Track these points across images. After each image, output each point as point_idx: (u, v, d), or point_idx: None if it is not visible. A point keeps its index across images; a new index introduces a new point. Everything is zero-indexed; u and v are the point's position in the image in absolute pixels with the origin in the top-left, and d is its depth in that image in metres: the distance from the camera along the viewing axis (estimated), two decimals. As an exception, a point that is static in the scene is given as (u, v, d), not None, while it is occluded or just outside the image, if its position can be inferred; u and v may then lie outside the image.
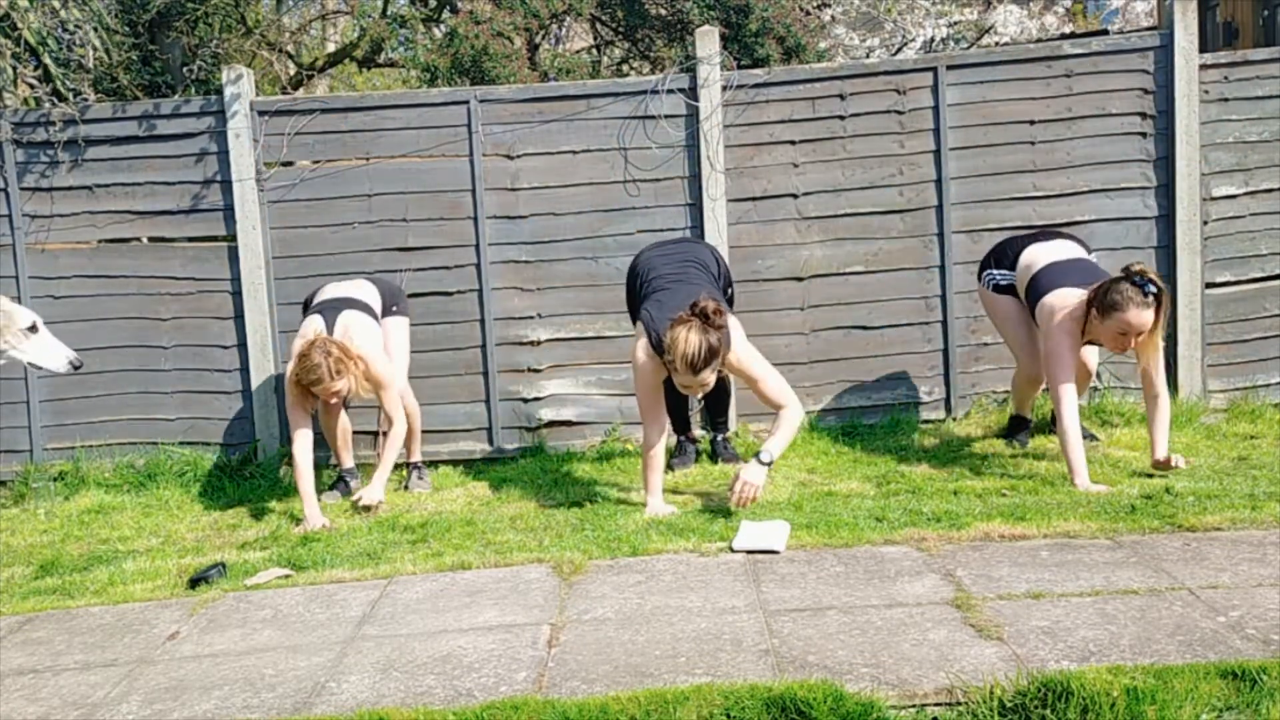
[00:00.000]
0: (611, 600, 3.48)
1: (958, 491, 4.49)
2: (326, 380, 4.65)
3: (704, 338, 4.07)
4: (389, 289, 5.35)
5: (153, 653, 3.35)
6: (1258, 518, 3.88)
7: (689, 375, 4.13)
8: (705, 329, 4.09)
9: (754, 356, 4.41)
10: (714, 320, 4.10)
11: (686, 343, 4.07)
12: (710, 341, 4.08)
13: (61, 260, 5.86)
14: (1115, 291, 4.36)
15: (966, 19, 11.27)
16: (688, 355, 4.07)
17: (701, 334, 4.08)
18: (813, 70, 5.83)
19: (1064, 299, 4.59)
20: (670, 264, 4.75)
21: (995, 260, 5.13)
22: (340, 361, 4.68)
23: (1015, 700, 2.66)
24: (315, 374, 4.66)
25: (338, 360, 4.66)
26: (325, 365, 4.63)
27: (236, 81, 5.72)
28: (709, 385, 4.25)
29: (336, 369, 4.66)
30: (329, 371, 4.64)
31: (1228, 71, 5.67)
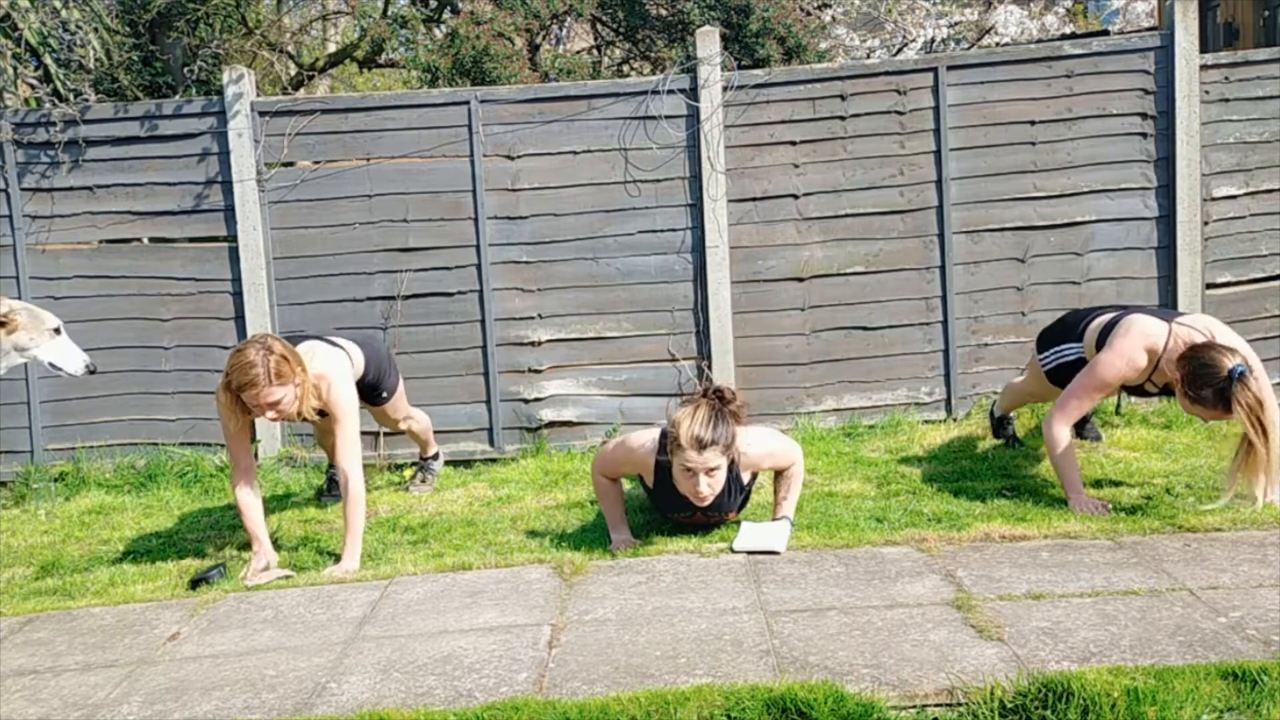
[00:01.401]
0: (612, 601, 3.48)
1: (958, 492, 4.49)
2: (261, 383, 3.75)
3: (712, 414, 3.70)
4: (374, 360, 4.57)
5: (153, 653, 3.35)
6: (1258, 518, 3.88)
7: (694, 452, 3.66)
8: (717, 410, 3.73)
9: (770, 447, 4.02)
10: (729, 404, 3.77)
11: (693, 417, 3.68)
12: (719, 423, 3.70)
13: (62, 261, 5.87)
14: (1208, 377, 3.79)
15: (967, 19, 11.27)
16: (693, 430, 3.65)
17: (711, 410, 3.71)
18: (813, 71, 5.83)
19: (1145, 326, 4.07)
20: None
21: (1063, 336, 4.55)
22: (283, 363, 3.80)
23: (1016, 701, 2.66)
24: (248, 375, 3.75)
25: (279, 361, 3.79)
26: (263, 366, 3.74)
27: (238, 82, 5.72)
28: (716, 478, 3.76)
29: (276, 371, 3.77)
30: (267, 373, 3.75)
31: (1228, 72, 5.67)
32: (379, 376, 4.62)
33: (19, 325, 3.45)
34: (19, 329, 3.45)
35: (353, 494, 4.05)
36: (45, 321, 3.51)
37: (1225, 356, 3.78)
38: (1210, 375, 3.79)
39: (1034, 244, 5.74)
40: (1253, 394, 3.70)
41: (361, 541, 4.09)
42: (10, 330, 3.43)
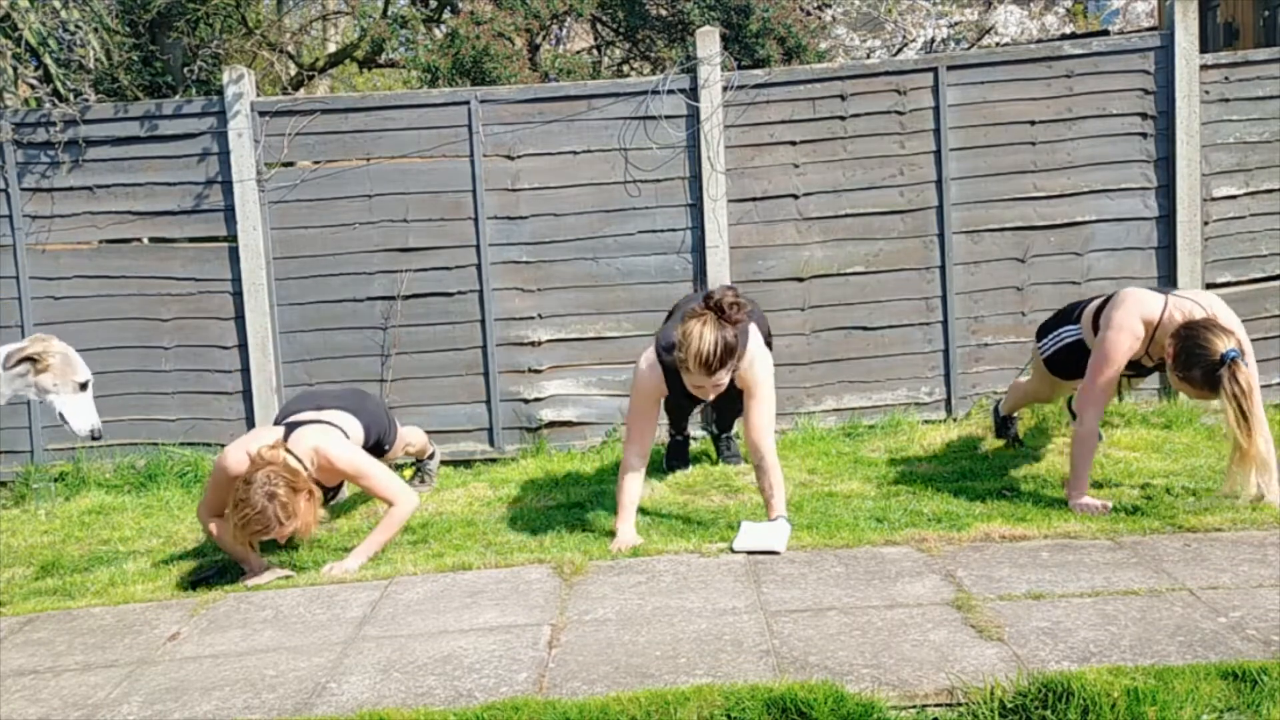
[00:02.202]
0: (612, 601, 3.48)
1: (958, 492, 4.49)
2: (275, 527, 3.73)
3: (719, 334, 3.74)
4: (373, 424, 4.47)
5: (153, 653, 3.35)
6: (1258, 518, 3.88)
7: (702, 375, 3.79)
8: (721, 324, 3.76)
9: (766, 378, 4.04)
10: (730, 314, 3.78)
11: (700, 339, 3.73)
12: (726, 338, 3.76)
13: (62, 261, 5.87)
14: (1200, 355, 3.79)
15: (967, 19, 11.27)
16: (701, 353, 3.73)
17: (717, 329, 3.74)
18: (813, 71, 5.83)
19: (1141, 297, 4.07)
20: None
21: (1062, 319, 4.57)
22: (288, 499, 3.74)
23: (1016, 701, 2.66)
24: (260, 524, 3.72)
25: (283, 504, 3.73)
26: (270, 511, 3.70)
27: (238, 82, 5.72)
28: (722, 387, 3.91)
29: (282, 512, 3.73)
30: (275, 517, 3.72)
31: (1228, 72, 5.67)
32: (380, 436, 4.55)
33: (50, 367, 3.43)
34: (49, 370, 3.43)
35: (395, 515, 4.11)
36: (76, 373, 3.49)
37: (1220, 339, 3.77)
38: (1202, 356, 3.77)
39: (1034, 244, 5.74)
40: (1241, 383, 3.69)
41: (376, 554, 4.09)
42: (40, 370, 3.42)
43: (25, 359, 3.38)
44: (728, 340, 3.76)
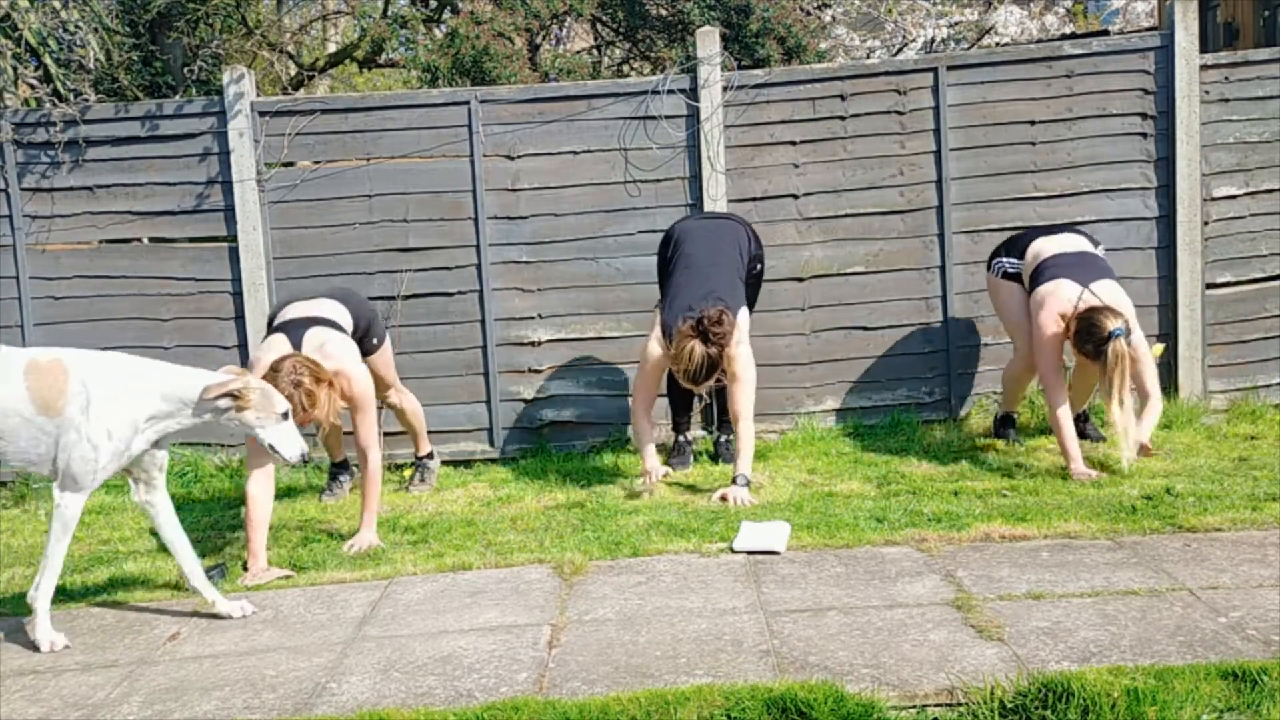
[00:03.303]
0: (612, 601, 3.48)
1: (958, 492, 4.49)
2: (299, 414, 3.90)
3: (705, 352, 4.53)
4: (361, 310, 4.78)
5: (153, 653, 3.35)
6: (1258, 518, 3.88)
7: (689, 384, 4.68)
8: (707, 344, 4.53)
9: (746, 359, 4.75)
10: (713, 338, 4.53)
11: (690, 359, 4.53)
12: (710, 355, 4.54)
13: (62, 261, 5.87)
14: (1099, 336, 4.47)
15: (967, 19, 11.27)
16: (690, 370, 4.56)
17: (704, 349, 4.53)
18: (813, 71, 5.83)
19: (1057, 293, 4.72)
20: (702, 244, 4.98)
21: (1006, 250, 5.19)
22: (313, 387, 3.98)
23: (1016, 701, 2.66)
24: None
25: (308, 392, 3.95)
26: (297, 398, 3.89)
27: (238, 81, 5.72)
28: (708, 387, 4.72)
29: (307, 400, 3.95)
30: (301, 404, 3.92)
31: (1228, 72, 5.67)
32: (369, 324, 4.83)
33: (251, 404, 3.49)
34: (250, 407, 3.49)
35: (371, 471, 4.35)
36: (276, 407, 3.55)
37: (1109, 319, 4.48)
38: (1094, 334, 4.49)
39: (1034, 244, 5.73)
40: (1121, 352, 4.41)
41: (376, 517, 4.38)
42: (241, 408, 3.47)
43: (226, 395, 3.44)
44: (711, 357, 4.55)
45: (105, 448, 3.35)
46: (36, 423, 3.35)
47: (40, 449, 3.38)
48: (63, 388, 3.36)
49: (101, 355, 3.52)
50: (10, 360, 3.41)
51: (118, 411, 3.37)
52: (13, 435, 3.36)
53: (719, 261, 4.91)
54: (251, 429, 3.53)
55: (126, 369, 3.47)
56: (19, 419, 3.35)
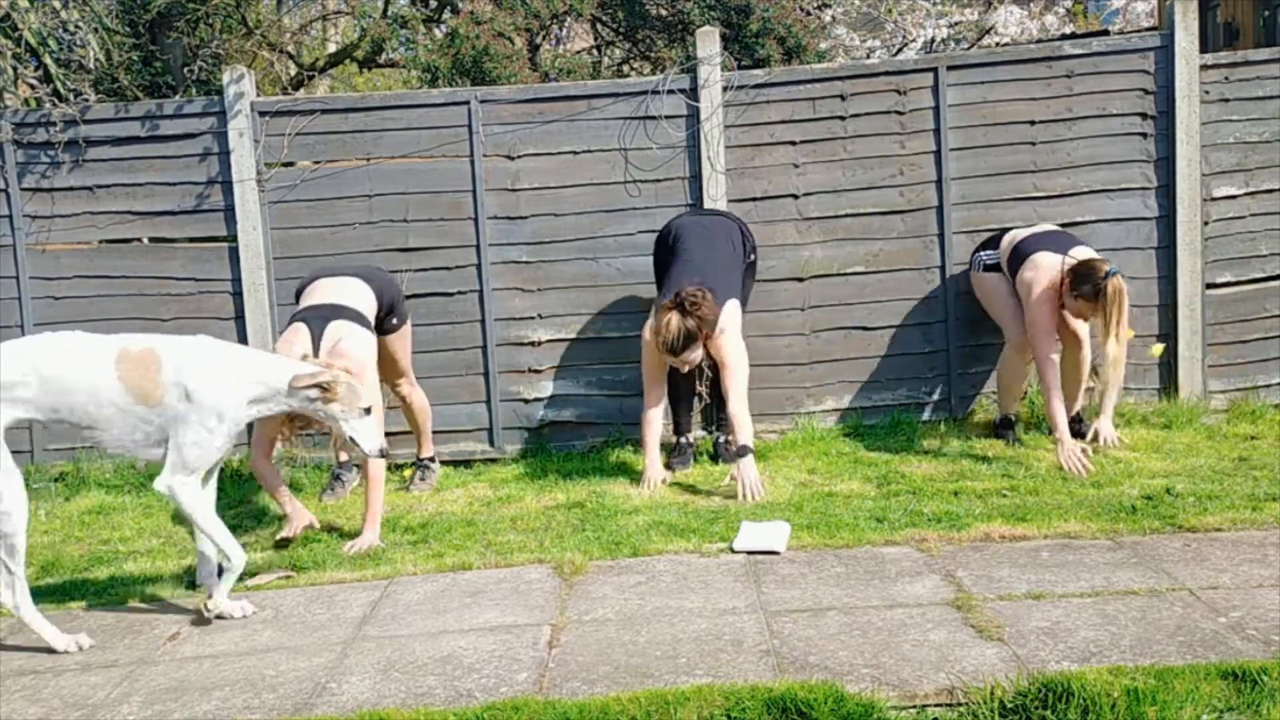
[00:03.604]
0: (612, 601, 3.48)
1: (958, 492, 4.49)
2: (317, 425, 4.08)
3: (682, 323, 4.69)
4: (386, 289, 4.90)
5: (153, 653, 3.35)
6: (1258, 518, 3.88)
7: (670, 356, 4.80)
8: (684, 316, 4.69)
9: (736, 347, 4.90)
10: (690, 310, 4.70)
11: (668, 329, 4.71)
12: (687, 326, 4.70)
13: (62, 261, 5.87)
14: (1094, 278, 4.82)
15: (967, 19, 11.26)
16: (667, 340, 4.73)
17: (681, 321, 4.69)
18: (813, 71, 5.83)
19: (1041, 268, 5.01)
20: (697, 239, 5.13)
21: (983, 246, 5.47)
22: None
23: (1016, 701, 2.66)
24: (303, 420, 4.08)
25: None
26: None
27: (238, 81, 5.72)
28: (693, 362, 4.88)
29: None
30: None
31: (1228, 72, 5.66)
32: (392, 303, 4.93)
33: (339, 397, 3.58)
34: (337, 400, 3.58)
35: (374, 473, 4.36)
36: (360, 401, 3.65)
37: (1103, 264, 4.86)
38: (1090, 274, 4.82)
39: (1034, 244, 5.72)
40: (1119, 287, 4.78)
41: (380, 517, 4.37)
42: (329, 399, 3.57)
43: (315, 385, 3.53)
44: (689, 329, 4.71)
45: (219, 430, 3.44)
46: (135, 412, 3.42)
47: (136, 436, 3.45)
48: (157, 377, 3.43)
49: (193, 341, 3.60)
50: (100, 349, 3.48)
51: (223, 394, 3.45)
52: (108, 424, 3.43)
53: (713, 256, 5.04)
54: (336, 420, 3.62)
55: (220, 354, 3.56)
56: (113, 409, 3.41)
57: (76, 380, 3.40)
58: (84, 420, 3.41)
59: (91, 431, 3.44)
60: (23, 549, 3.38)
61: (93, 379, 3.40)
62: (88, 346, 3.49)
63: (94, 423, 3.41)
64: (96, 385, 3.40)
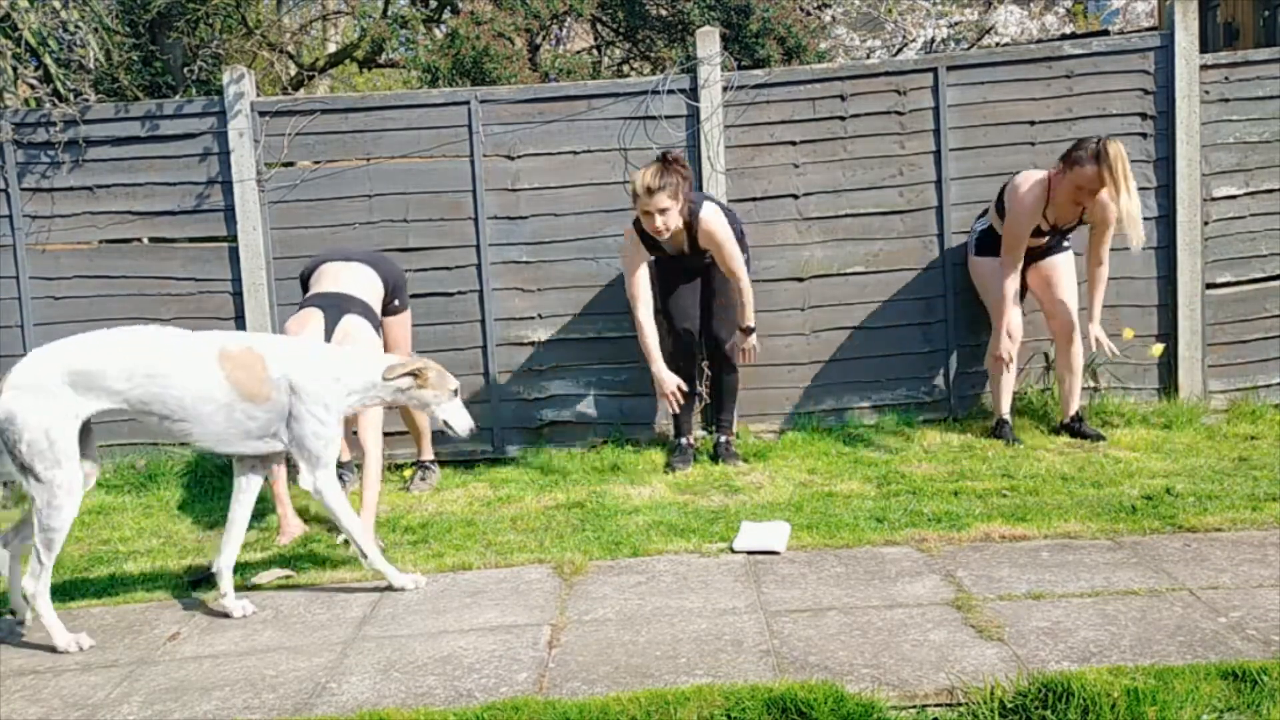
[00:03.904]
0: (612, 601, 3.48)
1: (958, 492, 4.49)
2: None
3: (659, 168, 4.82)
4: (392, 276, 5.03)
5: (153, 653, 3.35)
6: (1258, 518, 3.88)
7: (647, 198, 4.81)
8: (665, 165, 4.83)
9: (727, 235, 5.01)
10: (671, 162, 4.85)
11: (644, 172, 4.85)
12: (663, 170, 4.81)
13: (62, 261, 5.87)
14: (1085, 149, 4.95)
15: (967, 19, 11.27)
16: (644, 179, 4.82)
17: (659, 168, 4.83)
18: (813, 71, 5.83)
19: (1029, 176, 5.17)
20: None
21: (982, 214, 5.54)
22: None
23: (1016, 701, 2.66)
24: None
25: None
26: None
27: (238, 82, 5.72)
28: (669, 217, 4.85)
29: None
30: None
31: (1228, 72, 5.67)
32: (395, 287, 5.02)
33: (429, 382, 3.73)
34: (429, 386, 3.73)
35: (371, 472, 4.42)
36: (449, 384, 3.80)
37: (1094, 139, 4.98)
38: (1085, 145, 4.95)
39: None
40: (1118, 147, 4.88)
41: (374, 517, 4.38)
42: (421, 386, 3.72)
43: (408, 374, 3.68)
44: (665, 175, 4.80)
45: (329, 419, 3.58)
46: (239, 408, 3.51)
47: (235, 430, 3.54)
48: (263, 375, 3.53)
49: (287, 340, 3.76)
50: (200, 348, 3.54)
51: (326, 386, 3.58)
52: (207, 419, 3.50)
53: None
54: (428, 405, 3.77)
55: (315, 350, 3.70)
56: (214, 405, 3.49)
57: (177, 376, 3.47)
58: (177, 413, 3.48)
59: (183, 424, 3.51)
60: (59, 546, 3.41)
61: (196, 376, 3.48)
62: (187, 343, 3.56)
63: (188, 416, 3.49)
64: (199, 382, 3.48)
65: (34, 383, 3.35)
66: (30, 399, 3.33)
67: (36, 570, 3.40)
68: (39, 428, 3.31)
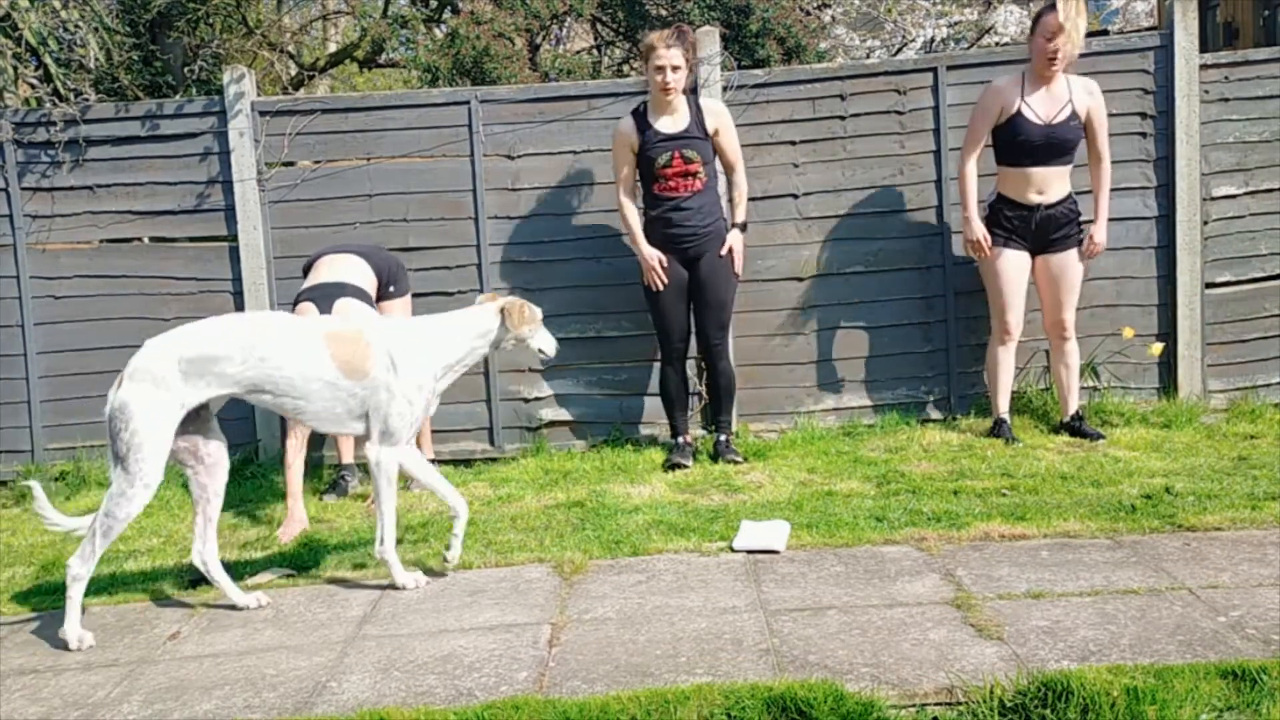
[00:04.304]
0: (612, 600, 3.48)
1: (958, 491, 4.50)
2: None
3: (674, 30, 4.99)
4: (384, 265, 5.15)
5: (154, 653, 3.35)
6: (1258, 518, 3.89)
7: (663, 50, 4.95)
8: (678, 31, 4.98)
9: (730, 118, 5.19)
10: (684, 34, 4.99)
11: (656, 34, 5.01)
12: (678, 33, 4.97)
13: (63, 260, 5.87)
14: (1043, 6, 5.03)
15: (967, 19, 11.26)
16: (661, 33, 4.98)
17: (674, 29, 4.99)
18: (813, 71, 5.83)
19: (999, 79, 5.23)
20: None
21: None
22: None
23: (1015, 700, 2.66)
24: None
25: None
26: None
27: (238, 81, 5.73)
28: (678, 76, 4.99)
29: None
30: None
31: (1228, 71, 5.67)
32: (390, 276, 5.15)
33: (518, 317, 3.81)
34: (519, 321, 3.82)
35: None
36: (537, 314, 3.91)
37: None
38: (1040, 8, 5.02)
39: (1034, 244, 5.73)
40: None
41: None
42: (511, 323, 3.81)
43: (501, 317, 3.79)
44: (679, 36, 4.97)
45: (418, 400, 3.67)
46: (342, 386, 3.62)
47: (338, 409, 3.65)
48: (367, 353, 3.64)
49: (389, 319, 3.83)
50: (308, 328, 3.66)
51: (422, 367, 3.68)
52: (315, 397, 3.62)
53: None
54: (525, 339, 3.88)
55: (414, 329, 3.77)
56: (321, 383, 3.60)
57: (288, 357, 3.56)
58: (289, 394, 3.59)
59: (296, 402, 3.61)
60: (116, 536, 3.53)
61: (305, 357, 3.58)
62: (296, 326, 3.66)
63: (300, 395, 3.60)
64: (308, 362, 3.58)
65: (149, 373, 3.48)
66: (144, 390, 3.44)
67: (86, 554, 3.47)
68: (145, 422, 3.41)
